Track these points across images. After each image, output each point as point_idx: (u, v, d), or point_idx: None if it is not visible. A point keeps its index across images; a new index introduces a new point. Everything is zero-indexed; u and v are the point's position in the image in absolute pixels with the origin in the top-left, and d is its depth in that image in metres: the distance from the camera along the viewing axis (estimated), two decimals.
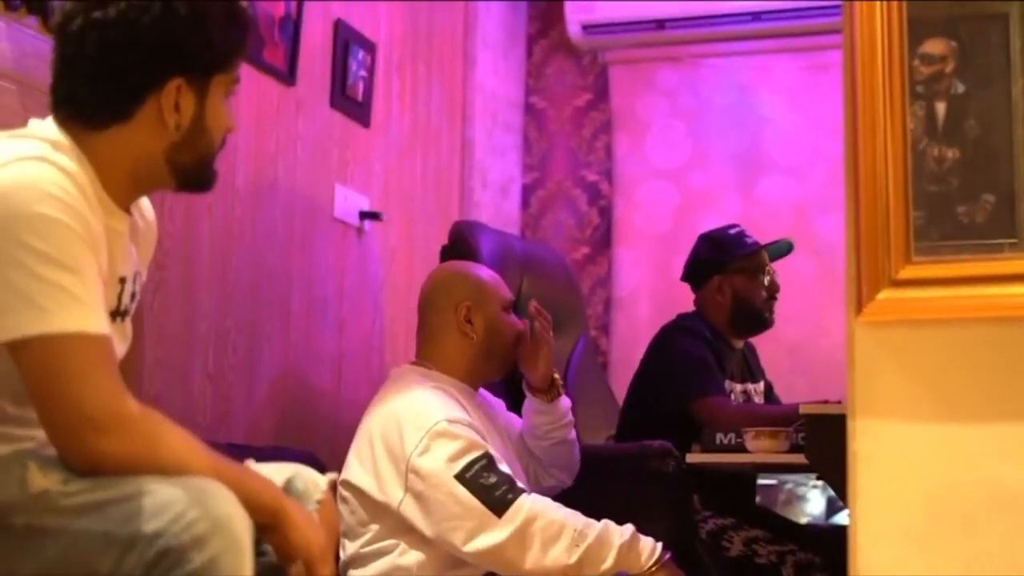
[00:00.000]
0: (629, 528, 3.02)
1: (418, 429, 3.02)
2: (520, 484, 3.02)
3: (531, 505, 2.96)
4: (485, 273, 3.42)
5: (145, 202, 2.22)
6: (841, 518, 4.64)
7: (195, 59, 2.03)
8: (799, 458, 3.15)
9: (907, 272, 1.98)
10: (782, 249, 4.18)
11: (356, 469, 3.10)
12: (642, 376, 4.07)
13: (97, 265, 1.90)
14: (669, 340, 4.03)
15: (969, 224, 1.98)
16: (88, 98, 2.02)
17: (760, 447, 3.35)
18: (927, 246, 1.99)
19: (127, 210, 2.09)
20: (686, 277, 4.18)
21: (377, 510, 3.06)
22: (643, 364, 4.09)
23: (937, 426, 1.96)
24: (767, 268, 4.08)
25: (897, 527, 1.97)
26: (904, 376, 1.98)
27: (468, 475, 2.97)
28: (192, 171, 2.10)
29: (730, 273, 4.05)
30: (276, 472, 2.05)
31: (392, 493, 3.02)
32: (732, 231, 4.15)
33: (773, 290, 4.07)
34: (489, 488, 2.96)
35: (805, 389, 4.53)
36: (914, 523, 1.96)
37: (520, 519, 2.94)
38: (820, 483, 4.74)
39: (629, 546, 2.98)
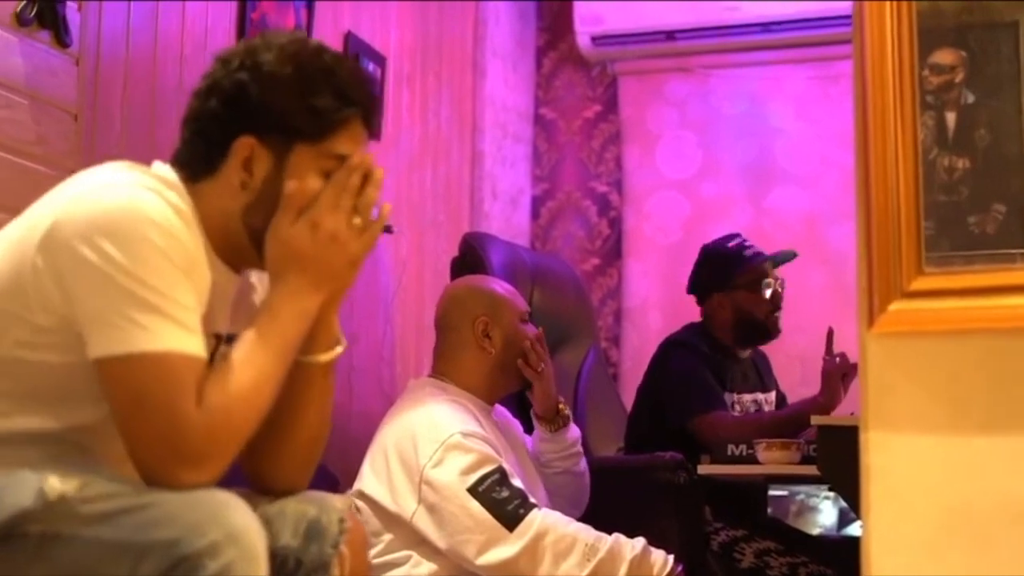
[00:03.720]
0: (640, 541, 3.02)
1: (432, 441, 3.02)
2: (532, 499, 3.02)
3: (543, 519, 2.96)
4: (500, 287, 3.42)
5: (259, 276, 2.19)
6: (853, 529, 4.63)
7: (266, 118, 1.99)
8: (811, 469, 3.14)
9: (919, 283, 1.98)
10: (785, 258, 4.18)
11: (370, 480, 3.11)
12: (643, 392, 4.08)
13: (197, 296, 1.89)
14: (664, 358, 4.05)
15: (980, 234, 1.98)
16: (183, 147, 2.04)
17: (771, 458, 3.35)
18: (938, 257, 1.98)
19: (235, 269, 2.08)
20: (691, 291, 4.19)
21: (390, 521, 3.06)
22: (644, 380, 4.10)
23: (950, 438, 1.96)
24: (769, 279, 4.06)
25: (910, 539, 1.96)
26: (917, 388, 1.98)
27: (481, 488, 2.97)
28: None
29: (731, 290, 4.05)
30: (296, 515, 2.02)
31: (405, 504, 3.03)
32: (731, 244, 4.14)
33: (776, 301, 4.06)
34: (501, 502, 2.96)
35: None
36: (927, 535, 1.95)
37: (531, 533, 2.94)
38: (831, 494, 4.73)
39: (640, 559, 2.98)
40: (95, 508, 1.78)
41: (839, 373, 3.72)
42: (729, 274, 4.05)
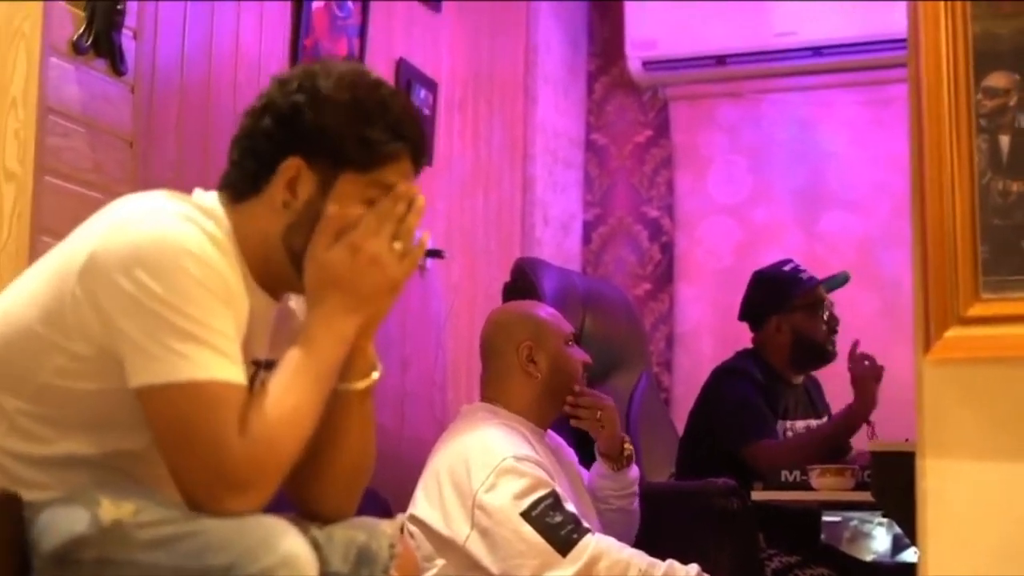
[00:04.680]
0: (694, 568, 3.01)
1: (485, 466, 3.02)
2: (586, 524, 3.01)
3: (596, 544, 2.95)
4: (543, 311, 3.42)
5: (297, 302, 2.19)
6: (907, 556, 4.59)
7: (317, 142, 1.99)
8: (865, 496, 3.12)
9: (976, 310, 1.97)
10: (839, 281, 4.17)
11: (423, 504, 3.11)
12: (695, 418, 4.07)
13: (235, 324, 1.90)
14: (716, 386, 4.04)
15: None
16: (231, 168, 2.05)
17: (825, 484, 3.34)
18: (995, 281, 1.97)
19: (273, 296, 2.08)
20: (743, 317, 4.18)
21: (443, 545, 3.06)
22: (695, 406, 4.09)
23: (1008, 464, 1.94)
24: (825, 302, 4.07)
25: (967, 566, 1.94)
26: (974, 414, 1.96)
27: (534, 513, 2.96)
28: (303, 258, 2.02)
29: (788, 312, 4.04)
30: (345, 541, 2.02)
31: (458, 529, 3.02)
32: (786, 267, 4.14)
33: (833, 323, 4.07)
34: (555, 527, 2.95)
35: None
36: (985, 562, 1.94)
37: (585, 558, 2.93)
38: (886, 520, 4.70)
39: None
40: (149, 534, 1.79)
41: (870, 376, 3.73)
42: (787, 296, 4.04)
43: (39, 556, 1.84)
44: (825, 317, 4.05)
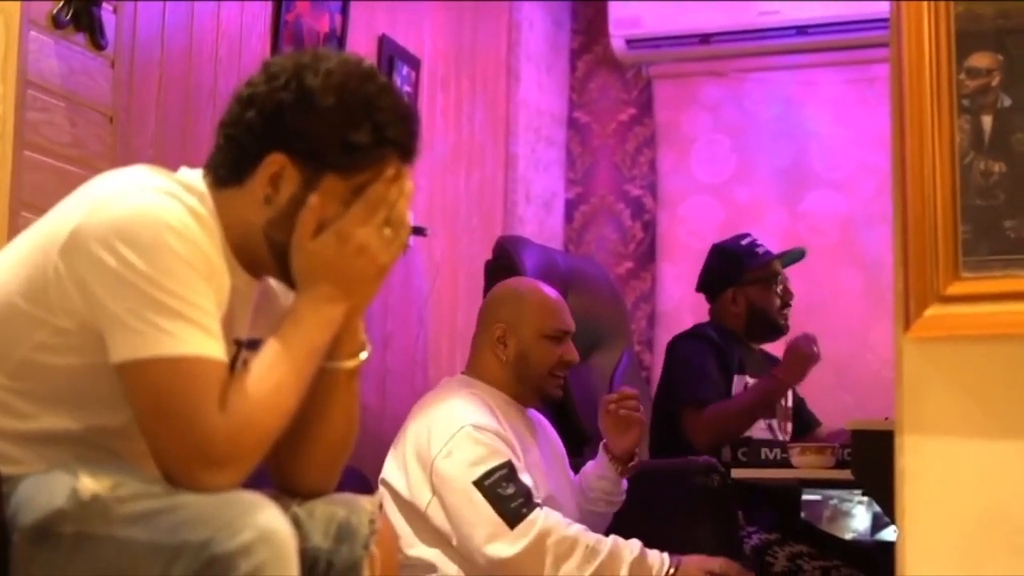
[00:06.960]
0: (637, 543, 3.04)
1: (445, 432, 3.04)
2: (537, 499, 3.00)
3: (544, 520, 2.96)
4: (538, 296, 3.35)
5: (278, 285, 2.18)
6: (886, 534, 4.61)
7: (300, 143, 1.96)
8: (845, 474, 3.14)
9: (955, 288, 1.97)
10: (794, 257, 4.21)
11: (391, 468, 3.14)
12: (656, 398, 4.11)
13: (216, 300, 1.90)
14: (673, 349, 4.09)
15: (1017, 239, 1.97)
16: (216, 152, 2.03)
17: (805, 463, 3.35)
18: (975, 261, 1.97)
19: (254, 275, 2.07)
20: (700, 288, 4.21)
21: (408, 510, 3.07)
22: (659, 383, 4.12)
23: (986, 442, 1.95)
24: (780, 277, 4.12)
25: (945, 544, 1.95)
26: (953, 392, 1.97)
27: (487, 483, 2.97)
28: (287, 253, 2.01)
29: (744, 284, 4.08)
30: (326, 516, 2.02)
31: (420, 494, 3.04)
32: (744, 241, 4.19)
33: (787, 298, 4.12)
34: (505, 499, 2.96)
35: (852, 405, 4.52)
36: (963, 540, 1.94)
37: (533, 534, 2.94)
38: (865, 499, 4.72)
39: (639, 561, 3.01)
40: (128, 508, 1.79)
41: (811, 355, 3.77)
42: (742, 269, 4.10)
43: (17, 530, 1.84)
44: (779, 291, 4.09)
